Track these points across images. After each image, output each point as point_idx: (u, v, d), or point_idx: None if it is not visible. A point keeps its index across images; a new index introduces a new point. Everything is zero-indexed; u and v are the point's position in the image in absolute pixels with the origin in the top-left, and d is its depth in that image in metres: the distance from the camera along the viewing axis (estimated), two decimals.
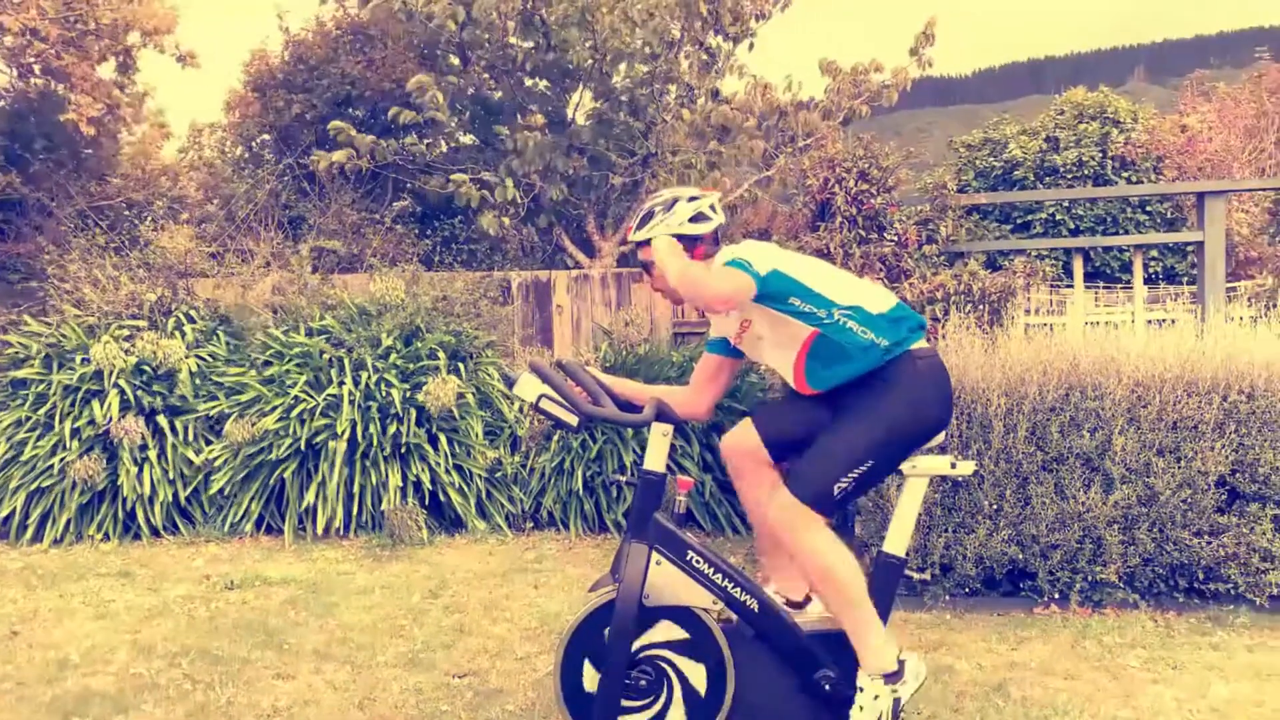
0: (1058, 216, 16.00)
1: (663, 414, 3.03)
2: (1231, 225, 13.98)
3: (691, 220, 3.10)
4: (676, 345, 7.92)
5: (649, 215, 3.12)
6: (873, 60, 9.94)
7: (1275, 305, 6.21)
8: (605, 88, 9.38)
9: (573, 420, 2.84)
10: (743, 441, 3.15)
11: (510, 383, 2.85)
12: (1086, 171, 16.56)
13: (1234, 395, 4.60)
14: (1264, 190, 7.33)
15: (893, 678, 2.92)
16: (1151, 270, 15.98)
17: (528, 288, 8.31)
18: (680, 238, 3.09)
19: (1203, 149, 16.62)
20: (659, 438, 3.02)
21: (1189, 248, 13.43)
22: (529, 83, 9.91)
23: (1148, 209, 16.09)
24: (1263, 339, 4.89)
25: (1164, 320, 6.53)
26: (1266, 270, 12.21)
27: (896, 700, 2.89)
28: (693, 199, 3.10)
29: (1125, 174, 16.64)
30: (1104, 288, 15.34)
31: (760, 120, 10.11)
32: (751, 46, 10.25)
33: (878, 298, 3.03)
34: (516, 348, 7.80)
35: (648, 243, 3.12)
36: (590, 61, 8.94)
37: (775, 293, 2.95)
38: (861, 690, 2.92)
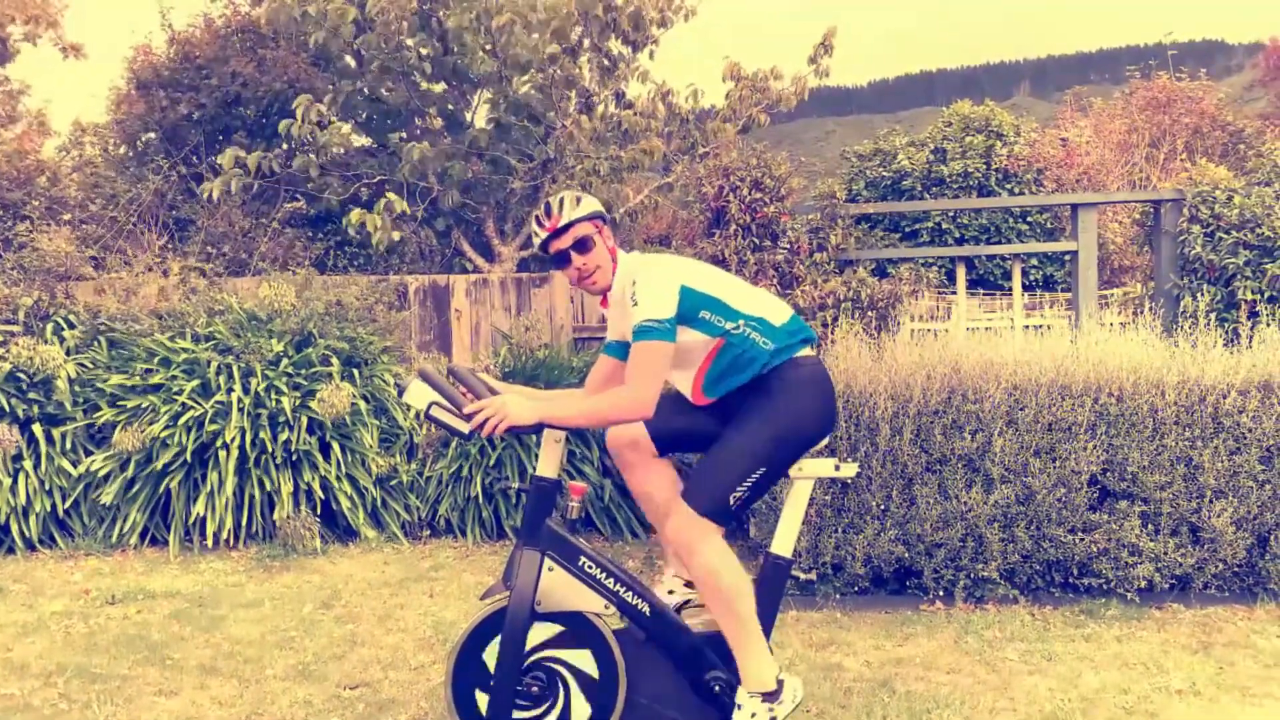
0: (944, 226, 16.51)
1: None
2: (1105, 236, 14.64)
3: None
4: (577, 350, 7.93)
5: (560, 203, 3.09)
6: (773, 67, 10.12)
7: (1143, 312, 6.53)
8: (504, 92, 9.34)
9: (464, 428, 2.81)
10: (626, 432, 3.16)
11: (401, 390, 2.81)
12: (971, 182, 17.13)
13: (1104, 398, 4.82)
14: (1132, 202, 7.72)
15: (771, 697, 2.96)
16: (1032, 278, 16.62)
17: (426, 292, 8.21)
18: (596, 217, 3.09)
19: (1080, 162, 17.37)
20: (551, 444, 3.02)
21: (1066, 257, 14.02)
22: (426, 86, 9.79)
23: (1029, 219, 16.74)
24: (1131, 344, 5.13)
25: (1041, 326, 6.81)
26: (1136, 278, 12.84)
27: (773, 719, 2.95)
28: (561, 198, 3.11)
29: (1008, 185, 17.27)
30: (986, 295, 15.89)
31: (663, 125, 10.20)
32: (652, 54, 10.33)
33: (778, 310, 3.09)
34: (414, 353, 7.69)
35: (565, 230, 3.06)
36: (489, 67, 8.89)
37: (685, 311, 2.97)
38: (740, 708, 2.96)
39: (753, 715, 2.94)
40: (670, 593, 3.25)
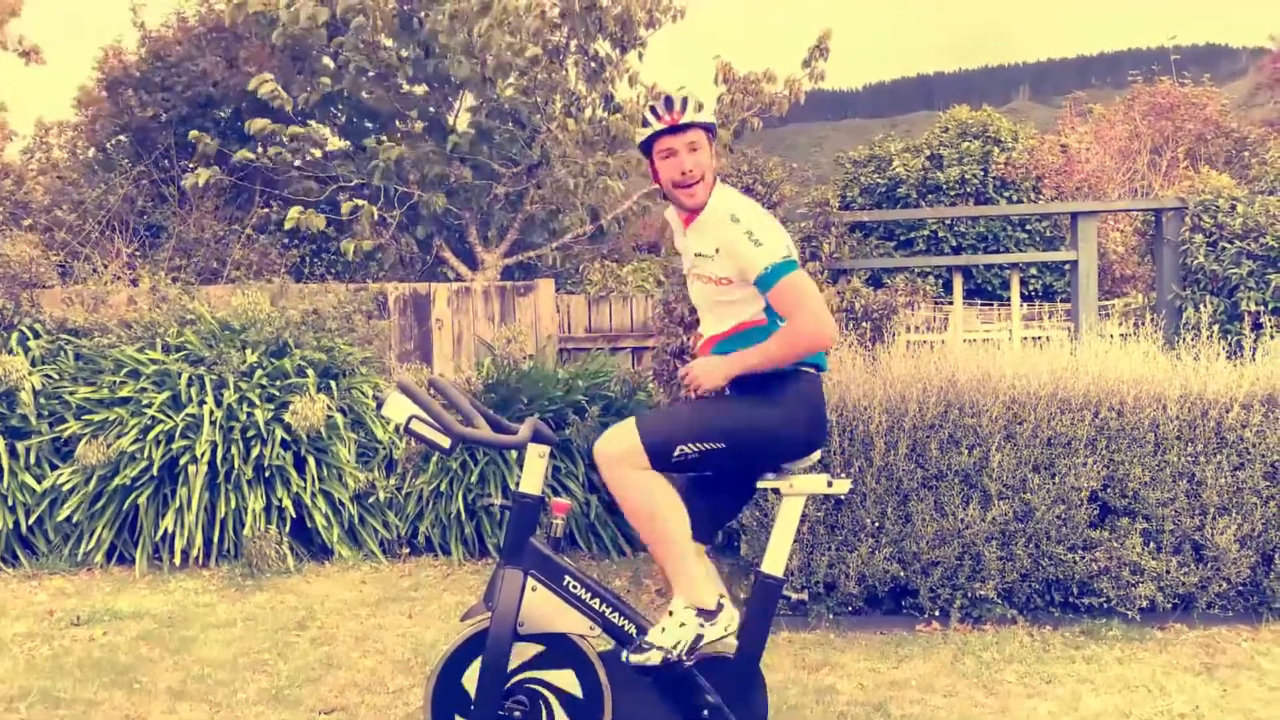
0: (940, 234, 16.66)
1: (539, 435, 3.03)
2: (1106, 245, 14.74)
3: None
4: (563, 361, 7.94)
5: (684, 100, 3.08)
6: (766, 69, 10.17)
7: (1144, 323, 6.58)
8: (487, 96, 9.37)
9: (444, 442, 2.82)
10: (619, 443, 3.04)
11: (379, 403, 2.81)
12: (968, 189, 17.30)
13: (1105, 412, 4.85)
14: (1134, 211, 7.79)
15: (706, 615, 2.98)
16: (1031, 288, 16.76)
17: (406, 301, 8.21)
18: (712, 128, 3.13)
19: (1080, 169, 17.49)
20: (535, 459, 3.03)
21: (1065, 266, 14.14)
22: (406, 88, 9.81)
23: (1027, 227, 16.88)
24: (1132, 356, 5.17)
25: (1040, 338, 6.85)
26: (1138, 289, 12.93)
27: (699, 636, 2.96)
28: (685, 96, 3.12)
29: (1006, 193, 17.43)
30: (984, 305, 16.00)
31: None
32: (641, 56, 10.38)
33: None
34: (393, 364, 7.69)
35: (685, 129, 3.06)
36: (471, 71, 8.92)
37: None
38: (670, 614, 2.98)
39: (681, 624, 2.95)
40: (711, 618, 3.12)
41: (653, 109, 3.10)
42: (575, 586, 3.04)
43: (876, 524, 4.82)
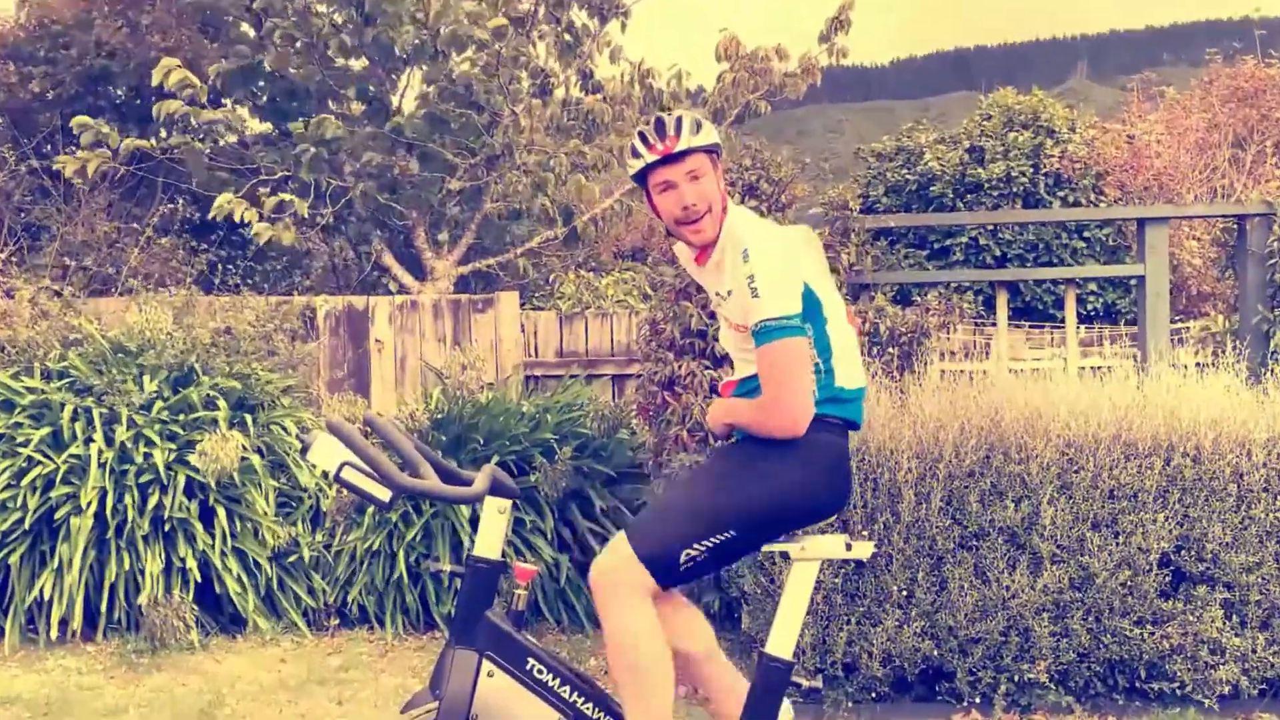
0: (981, 241, 16.74)
1: (498, 486, 3.03)
2: (1180, 256, 14.85)
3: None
4: (529, 392, 7.93)
5: (678, 123, 3.09)
6: (777, 45, 10.24)
7: (1225, 351, 6.62)
8: (440, 71, 9.40)
9: (383, 495, 2.81)
10: (618, 566, 3.01)
11: (305, 447, 2.80)
12: (1015, 189, 17.39)
13: (1178, 458, 4.88)
14: (1212, 217, 7.87)
15: None
16: (1089, 307, 16.85)
17: (338, 317, 8.19)
18: (715, 149, 3.16)
19: (1149, 165, 17.62)
20: (493, 516, 3.02)
21: (1131, 282, 14.24)
22: (342, 61, 9.84)
23: (1085, 235, 17.02)
24: (1211, 391, 5.19)
25: (1101, 368, 6.89)
26: (1217, 309, 13.03)
27: None
28: (679, 116, 3.15)
29: (1060, 193, 17.54)
30: (1033, 328, 16.08)
31: (640, 112, 10.30)
32: (624, 26, 10.45)
33: (854, 371, 3.17)
34: (323, 394, 7.67)
35: (681, 157, 3.08)
36: (419, 41, 8.95)
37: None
38: None
39: None
40: None
41: (641, 136, 3.12)
42: (541, 671, 3.02)
43: (905, 592, 4.82)
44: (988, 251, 16.89)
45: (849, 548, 3.12)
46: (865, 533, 4.82)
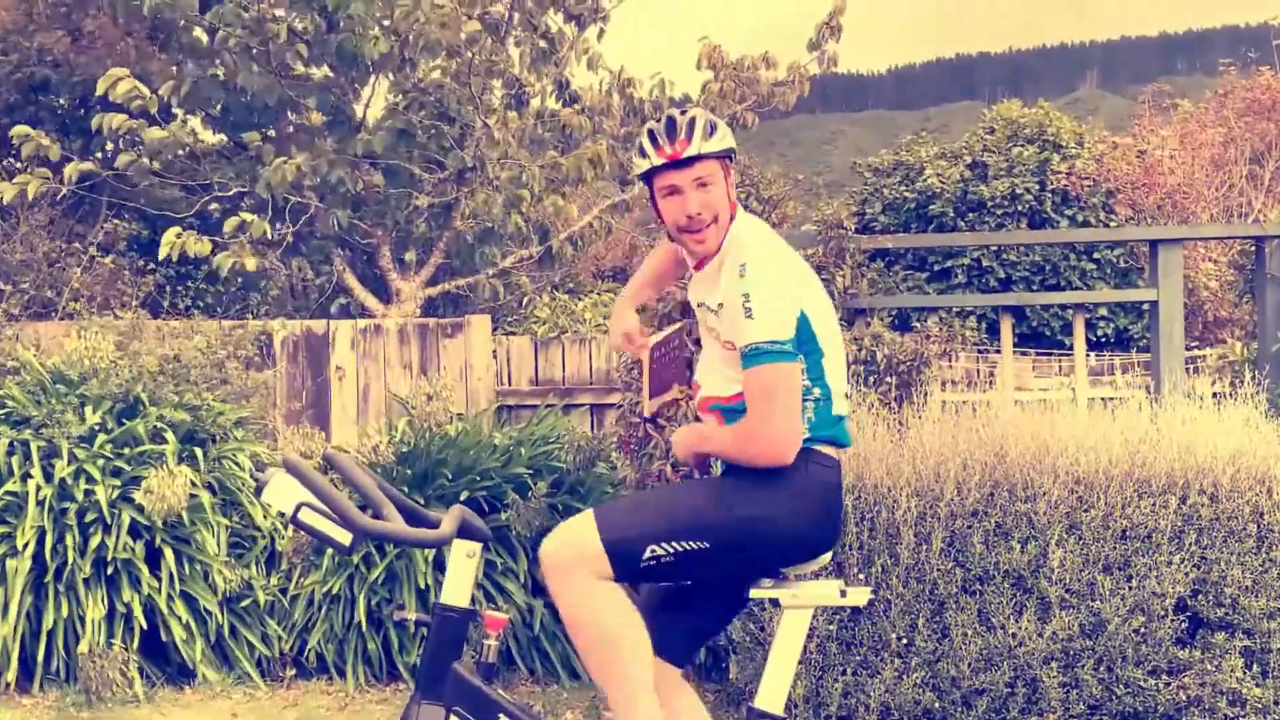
0: (984, 263, 16.85)
1: (467, 528, 3.02)
2: (1196, 279, 14.97)
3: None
4: (501, 423, 7.92)
5: (690, 124, 3.12)
6: (765, 53, 10.30)
7: (1244, 381, 6.67)
8: (407, 81, 9.43)
9: (344, 539, 2.80)
10: (573, 543, 3.03)
11: (260, 487, 2.79)
12: (1020, 207, 17.53)
13: (1194, 496, 4.90)
14: (1230, 239, 7.92)
15: None
16: (1100, 333, 16.95)
17: (297, 343, 8.18)
18: (728, 155, 3.20)
19: (1162, 182, 17.79)
20: (461, 560, 3.02)
21: (1144, 307, 14.34)
22: (302, 70, 9.85)
23: (1095, 256, 17.14)
24: (1229, 424, 5.22)
25: (1112, 399, 6.93)
26: (1236, 336, 13.13)
27: None
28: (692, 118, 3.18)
29: (1068, 212, 17.68)
30: (1040, 355, 16.16)
31: (621, 123, 10.34)
32: (602, 33, 10.50)
33: (844, 396, 3.22)
34: (279, 427, 7.64)
35: (692, 162, 3.11)
36: (386, 48, 8.97)
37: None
38: None
39: None
40: None
41: (651, 135, 3.15)
42: None
43: (904, 640, 4.82)
44: (991, 274, 17.00)
45: (844, 594, 3.12)
46: (862, 576, 4.82)
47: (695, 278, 3.30)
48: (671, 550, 2.99)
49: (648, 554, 2.99)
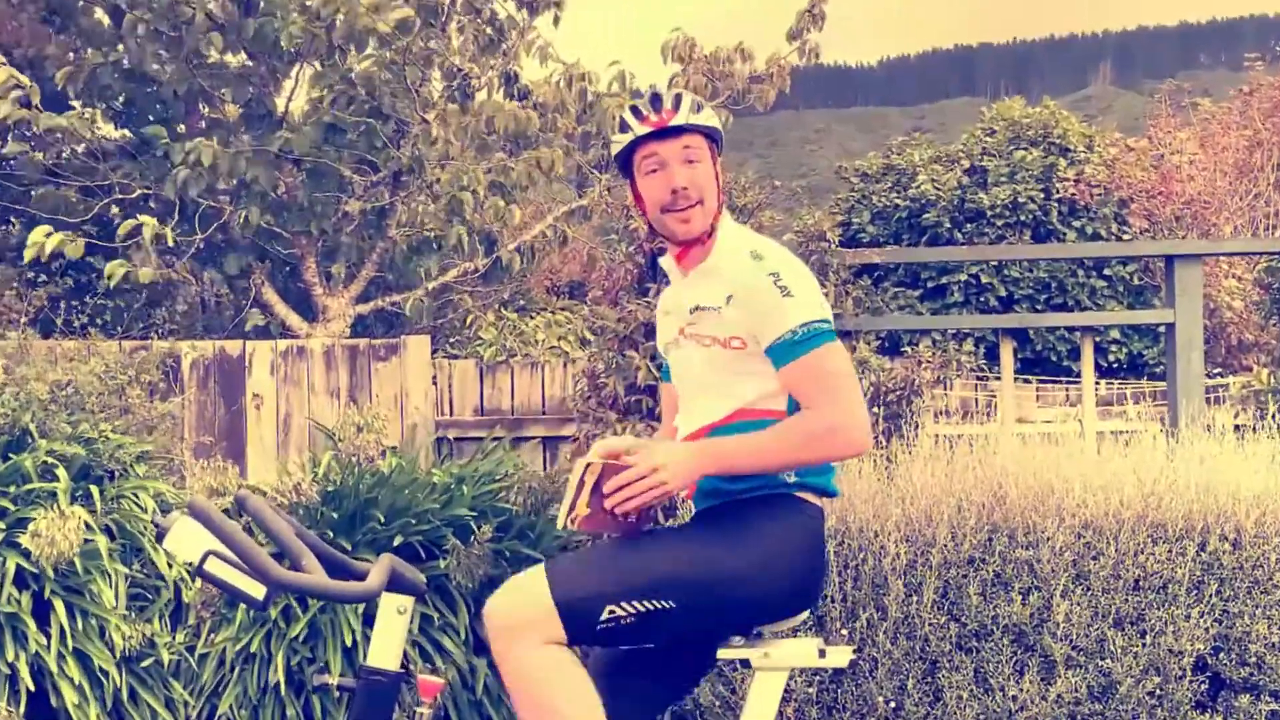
0: (983, 280, 16.93)
1: (398, 580, 3.00)
2: (1218, 299, 15.09)
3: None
4: (440, 457, 7.88)
5: (676, 98, 3.21)
6: (740, 45, 10.34)
7: (1270, 413, 6.74)
8: (336, 72, 9.41)
9: (257, 593, 2.78)
10: (521, 603, 3.02)
11: (161, 534, 2.77)
12: (1023, 218, 17.63)
13: (1214, 542, 4.93)
14: (1255, 255, 7.99)
15: None
16: (1111, 359, 17.06)
17: (208, 367, 8.13)
18: (716, 136, 3.27)
19: (1180, 190, 17.95)
20: (391, 617, 3.00)
21: (1160, 329, 14.47)
22: (216, 58, 9.82)
23: (1106, 273, 17.26)
24: (1254, 461, 5.26)
25: (1124, 432, 6.98)
26: (1261, 361, 13.25)
27: None
28: (678, 93, 3.27)
29: (1076, 223, 17.80)
30: (1044, 383, 16.25)
31: (576, 121, 10.35)
32: (557, 20, 10.53)
33: None
34: (188, 462, 7.58)
35: (680, 132, 3.18)
36: (313, 37, 8.95)
37: None
38: None
39: None
40: None
41: (634, 109, 3.21)
42: None
43: (893, 703, 4.82)
44: (991, 291, 17.08)
45: (823, 654, 3.13)
46: (845, 631, 4.82)
47: (677, 284, 3.32)
48: (632, 610, 2.97)
49: (605, 614, 2.96)
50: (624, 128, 3.22)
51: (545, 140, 10.24)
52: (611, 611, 2.97)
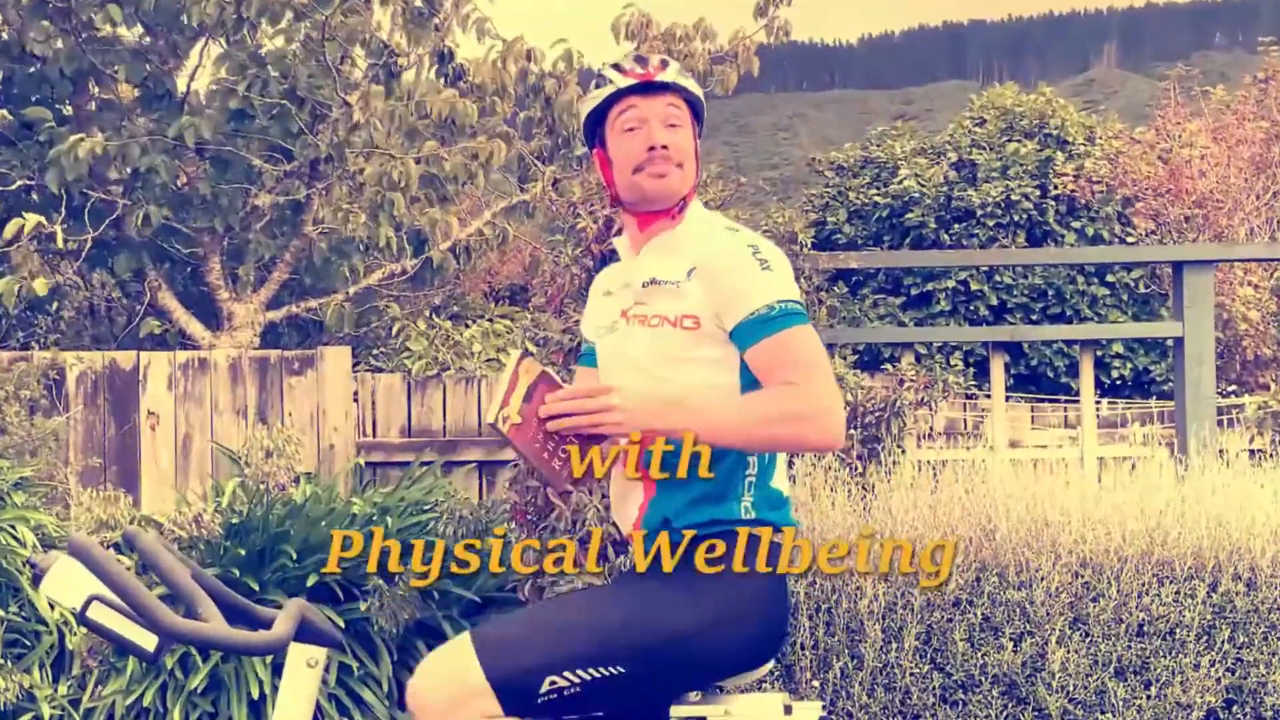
0: (973, 286, 17.00)
1: (308, 628, 2.98)
2: (1232, 309, 15.19)
3: None
4: (363, 485, 7.84)
5: (663, 60, 3.26)
6: (699, 21, 10.35)
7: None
8: (245, 49, 9.36)
9: (147, 643, 2.74)
10: (448, 679, 3.00)
11: (39, 575, 2.74)
12: (1017, 218, 17.72)
13: (1227, 582, 4.96)
14: (1273, 261, 8.06)
15: None
16: (1114, 374, 17.15)
17: (97, 381, 8.06)
18: (695, 104, 3.30)
19: (1190, 187, 18.06)
20: (300, 670, 2.97)
21: (1167, 342, 14.59)
22: (110, 31, 9.75)
23: (1108, 279, 17.37)
24: (1270, 491, 5.30)
25: (1127, 459, 7.03)
26: (1278, 380, 13.35)
27: None
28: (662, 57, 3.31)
29: (1075, 224, 17.90)
30: (1039, 402, 16.35)
31: (517, 105, 10.33)
32: None
33: (784, 472, 3.26)
34: (73, 489, 7.52)
35: (664, 90, 3.23)
36: (215, 9, 8.89)
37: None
38: None
39: None
40: None
41: (615, 65, 3.26)
42: None
43: None
44: (981, 300, 17.14)
45: (789, 710, 3.12)
46: (816, 684, 4.82)
47: (627, 261, 3.32)
48: (577, 679, 2.95)
49: (547, 686, 2.95)
50: (602, 82, 3.24)
51: (483, 127, 10.21)
52: (553, 682, 2.95)
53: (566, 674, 2.95)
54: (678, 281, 3.12)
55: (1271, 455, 5.96)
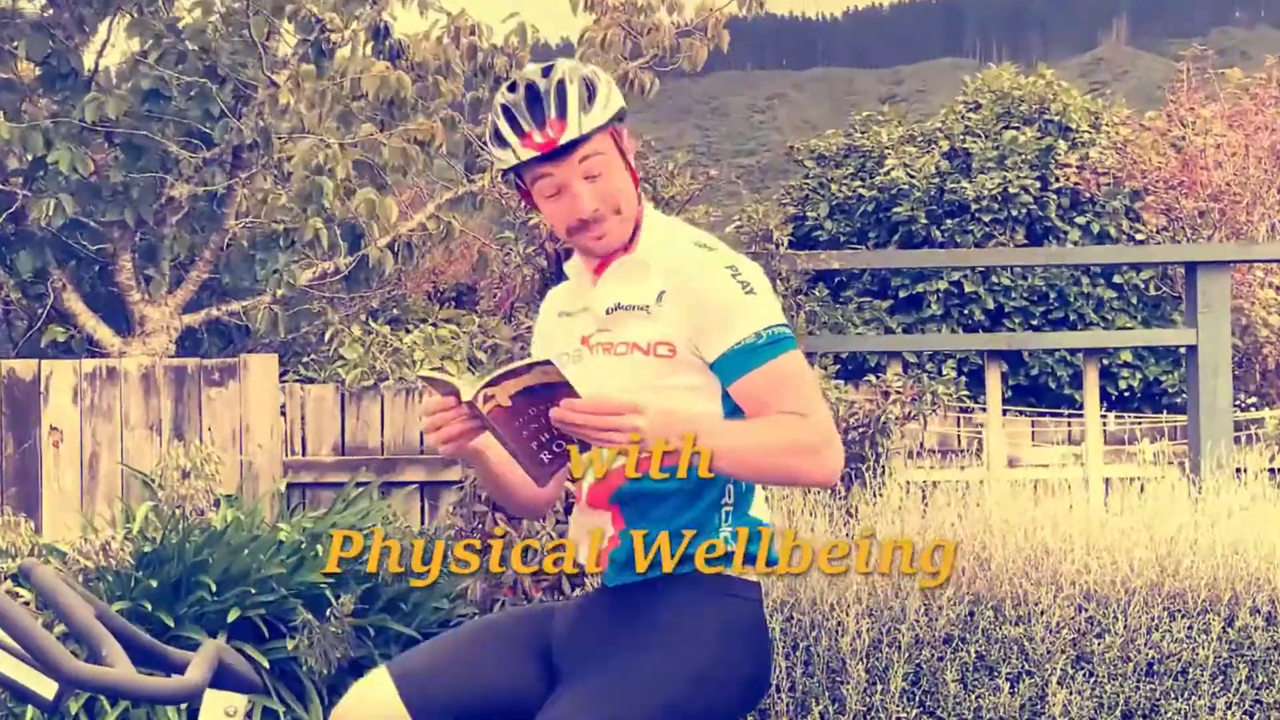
0: (967, 288, 17.01)
1: (226, 674, 2.96)
2: (1251, 314, 15.26)
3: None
4: (290, 509, 7.82)
5: (559, 93, 3.04)
6: None
7: None
8: (159, 22, 9.34)
9: (47, 690, 2.72)
10: (367, 710, 3.10)
11: None
12: (1015, 212, 17.75)
13: (1244, 616, 4.98)
14: None
15: None
16: (1122, 385, 17.20)
17: None
18: (619, 119, 3.15)
19: (1205, 180, 18.13)
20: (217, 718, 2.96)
21: (1180, 351, 14.64)
22: (5, 3, 9.71)
23: (1116, 280, 17.42)
24: None
25: (1136, 479, 7.05)
26: None
27: None
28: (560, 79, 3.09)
29: (1079, 219, 17.95)
30: (1039, 417, 16.40)
31: (465, 86, 10.32)
32: None
33: (763, 500, 3.26)
34: None
35: (574, 146, 3.04)
36: None
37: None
38: None
39: None
40: None
41: (508, 113, 3.07)
42: None
43: None
44: (976, 304, 17.16)
45: None
46: None
47: (606, 277, 3.20)
48: None
49: None
50: (499, 140, 3.09)
51: (425, 109, 10.20)
52: None
53: None
54: (647, 305, 3.08)
55: None
